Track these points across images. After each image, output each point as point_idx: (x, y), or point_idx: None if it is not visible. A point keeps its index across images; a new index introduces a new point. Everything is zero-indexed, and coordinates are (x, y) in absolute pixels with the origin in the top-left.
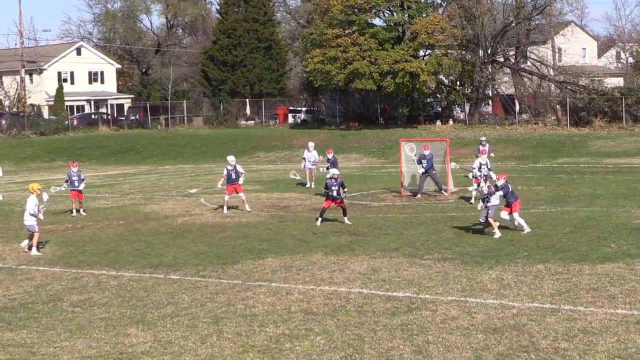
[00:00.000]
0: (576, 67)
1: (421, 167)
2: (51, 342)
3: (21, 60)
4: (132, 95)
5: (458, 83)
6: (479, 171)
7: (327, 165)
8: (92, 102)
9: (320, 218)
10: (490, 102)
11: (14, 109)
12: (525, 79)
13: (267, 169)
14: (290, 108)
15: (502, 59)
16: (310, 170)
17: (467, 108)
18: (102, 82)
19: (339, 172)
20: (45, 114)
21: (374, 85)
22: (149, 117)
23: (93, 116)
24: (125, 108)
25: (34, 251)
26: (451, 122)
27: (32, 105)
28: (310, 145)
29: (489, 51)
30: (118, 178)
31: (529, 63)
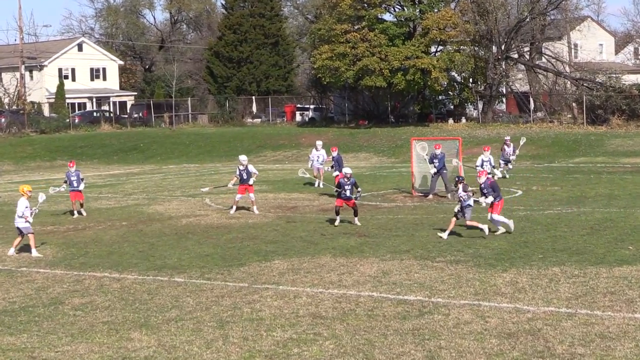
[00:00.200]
0: (593, 64)
1: (433, 166)
2: (52, 347)
3: (21, 56)
4: (135, 93)
5: (471, 80)
6: (482, 168)
7: (332, 164)
8: (94, 100)
9: (338, 217)
10: (504, 99)
11: (14, 107)
12: (540, 76)
13: (274, 169)
14: (298, 106)
15: (516, 56)
16: (319, 169)
17: (480, 106)
18: (104, 79)
19: (351, 171)
20: (46, 111)
21: (384, 83)
22: (153, 115)
23: (95, 114)
24: (128, 106)
25: (34, 252)
26: (464, 120)
27: (32, 102)
28: (318, 144)
29: (503, 47)
30: (121, 178)
31: (544, 59)
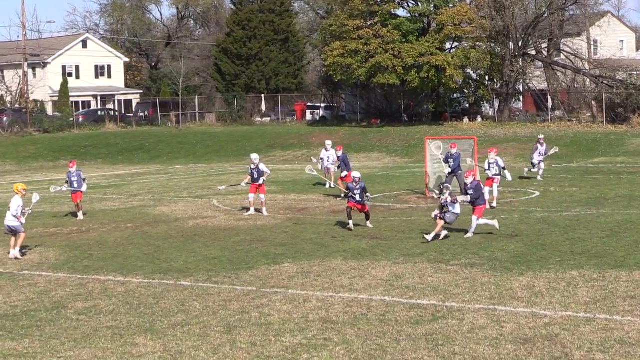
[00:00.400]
0: (613, 61)
1: (447, 166)
2: (55, 352)
3: (24, 53)
4: (141, 91)
5: (487, 78)
6: (489, 170)
7: (338, 164)
8: (99, 98)
9: (351, 221)
10: (521, 98)
11: (16, 105)
12: (559, 73)
13: (283, 169)
14: (309, 104)
15: (533, 52)
16: (329, 169)
17: (497, 104)
18: (109, 76)
19: (360, 175)
20: (49, 110)
21: (398, 80)
22: (159, 114)
23: (99, 113)
24: (134, 104)
25: (15, 251)
26: (479, 119)
27: (35, 101)
28: (328, 144)
29: (520, 44)
30: (126, 178)
31: (562, 56)
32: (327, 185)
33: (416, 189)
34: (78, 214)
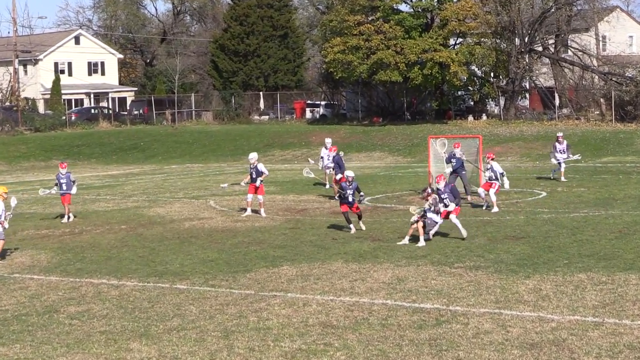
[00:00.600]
0: (622, 57)
1: (449, 166)
2: (47, 358)
3: (15, 49)
4: (136, 88)
5: (492, 74)
6: (484, 174)
7: (326, 165)
8: (92, 96)
9: (351, 225)
10: (527, 95)
11: (7, 103)
12: (566, 70)
13: (282, 169)
14: (308, 102)
15: (540, 48)
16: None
17: (502, 102)
18: (102, 73)
19: (353, 175)
20: (41, 108)
21: (400, 77)
22: (154, 112)
23: (93, 111)
24: (128, 102)
25: None
26: (484, 117)
27: (27, 98)
28: (327, 142)
29: (526, 39)
30: (120, 178)
31: (570, 52)
32: (327, 186)
33: (419, 190)
34: (65, 216)
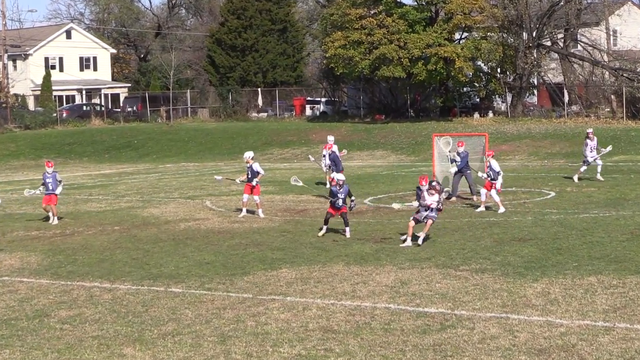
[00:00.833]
0: (634, 52)
1: (454, 165)
2: None
3: (3, 44)
4: (129, 84)
5: (499, 70)
6: (486, 174)
7: (328, 164)
8: (84, 92)
9: (325, 227)
10: (535, 91)
11: None
12: (576, 66)
13: (281, 168)
14: (308, 99)
15: (549, 43)
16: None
17: (509, 99)
18: (94, 69)
19: (343, 178)
20: (31, 105)
21: (403, 73)
22: (148, 109)
23: (85, 108)
24: (121, 98)
25: None
26: (491, 114)
27: (16, 95)
28: (330, 140)
29: (534, 34)
30: (113, 178)
31: (579, 47)
32: (328, 185)
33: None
34: (53, 218)
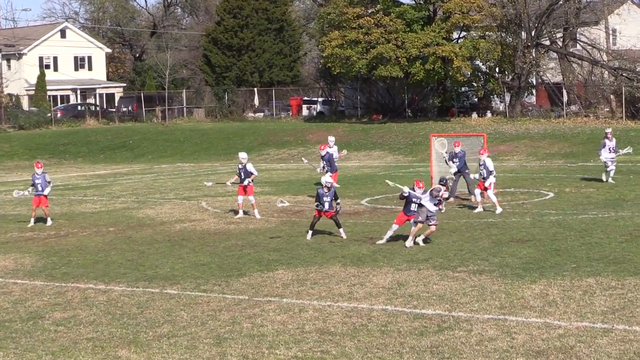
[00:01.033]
0: (633, 52)
1: (454, 166)
2: None
3: None
4: (124, 84)
5: (497, 70)
6: (479, 174)
7: (323, 165)
8: (79, 92)
9: (310, 232)
10: (534, 91)
11: None
12: (575, 65)
13: (278, 168)
14: (305, 98)
15: (547, 42)
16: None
17: (508, 99)
18: (89, 68)
19: (332, 181)
20: (25, 105)
21: (401, 73)
22: (143, 109)
23: (79, 107)
24: (116, 98)
25: None
26: (489, 114)
27: (10, 95)
28: (331, 140)
29: (533, 33)
30: (108, 178)
31: (578, 47)
32: None
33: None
34: (46, 219)
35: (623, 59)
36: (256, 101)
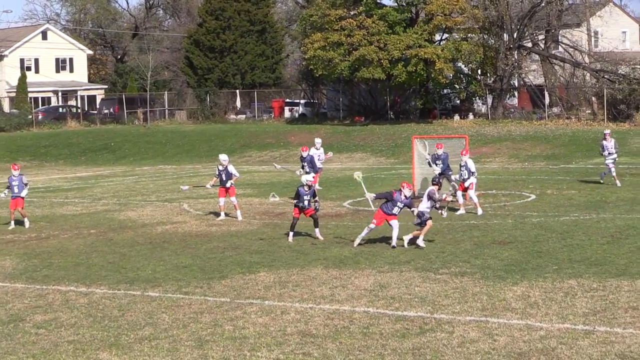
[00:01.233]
0: (615, 54)
1: (438, 167)
2: None
3: None
4: (106, 86)
5: (479, 72)
6: (460, 175)
7: (303, 165)
8: (60, 94)
9: (291, 233)
10: (516, 93)
11: None
12: (557, 67)
13: (260, 170)
14: (287, 100)
15: (529, 44)
16: (320, 169)
17: (490, 100)
18: (71, 70)
19: (312, 179)
20: (6, 107)
21: (383, 75)
22: (125, 111)
23: (61, 110)
24: (98, 100)
25: None
26: (471, 116)
27: None
28: (318, 142)
29: (515, 35)
30: (89, 181)
31: (560, 49)
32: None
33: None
34: (23, 221)
35: (605, 61)
36: (238, 103)
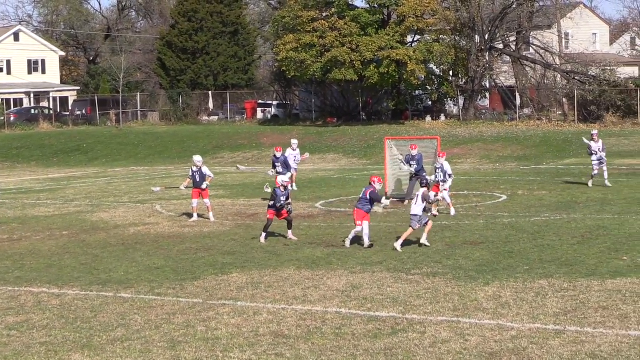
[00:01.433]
0: (585, 55)
1: (413, 167)
2: None
3: None
4: (78, 87)
5: (451, 73)
6: (435, 175)
7: (275, 166)
8: (32, 95)
9: (264, 234)
10: (487, 95)
11: None
12: (528, 69)
13: (232, 172)
14: (260, 102)
15: (501, 46)
16: (295, 170)
17: (461, 102)
18: (43, 72)
19: (288, 180)
20: None
21: (355, 76)
22: (97, 113)
23: (33, 111)
24: (70, 102)
25: None
26: (443, 117)
27: None
28: (294, 143)
29: (487, 37)
30: (61, 182)
31: (531, 50)
32: (294, 187)
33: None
34: None
35: (575, 62)
36: (211, 104)
